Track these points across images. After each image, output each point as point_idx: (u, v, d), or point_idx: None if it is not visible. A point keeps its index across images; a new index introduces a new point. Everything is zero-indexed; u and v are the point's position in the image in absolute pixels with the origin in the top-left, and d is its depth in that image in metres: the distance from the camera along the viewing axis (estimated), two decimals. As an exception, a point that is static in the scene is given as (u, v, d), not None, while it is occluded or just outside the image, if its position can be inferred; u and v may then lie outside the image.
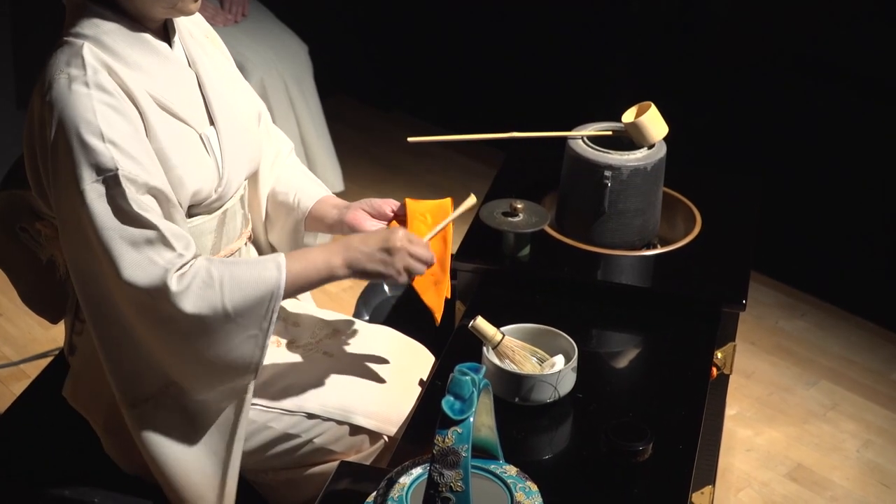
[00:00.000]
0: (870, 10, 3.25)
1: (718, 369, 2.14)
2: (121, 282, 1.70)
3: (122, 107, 1.71)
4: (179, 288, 1.70)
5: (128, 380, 1.81)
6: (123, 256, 1.69)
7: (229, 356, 1.77)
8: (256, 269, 1.77)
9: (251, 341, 1.78)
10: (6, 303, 3.27)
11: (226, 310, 1.73)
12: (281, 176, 2.10)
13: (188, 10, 1.78)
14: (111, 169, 1.67)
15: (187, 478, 1.86)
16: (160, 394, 1.82)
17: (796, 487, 2.75)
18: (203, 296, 1.72)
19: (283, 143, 2.14)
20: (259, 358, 1.79)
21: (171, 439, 1.84)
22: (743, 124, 3.58)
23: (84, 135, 1.67)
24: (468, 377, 1.44)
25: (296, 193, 2.07)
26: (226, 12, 3.59)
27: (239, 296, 1.74)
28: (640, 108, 2.21)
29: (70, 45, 1.73)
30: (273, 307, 1.77)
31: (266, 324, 1.77)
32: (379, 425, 1.97)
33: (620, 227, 2.20)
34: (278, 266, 1.78)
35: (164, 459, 1.84)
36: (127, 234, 1.69)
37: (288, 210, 2.07)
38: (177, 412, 1.84)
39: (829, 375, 3.14)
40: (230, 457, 1.88)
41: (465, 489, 1.42)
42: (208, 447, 1.87)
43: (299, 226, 2.06)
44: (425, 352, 2.17)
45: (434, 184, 4.08)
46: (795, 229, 3.50)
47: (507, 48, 4.11)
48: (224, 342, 1.76)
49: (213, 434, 1.86)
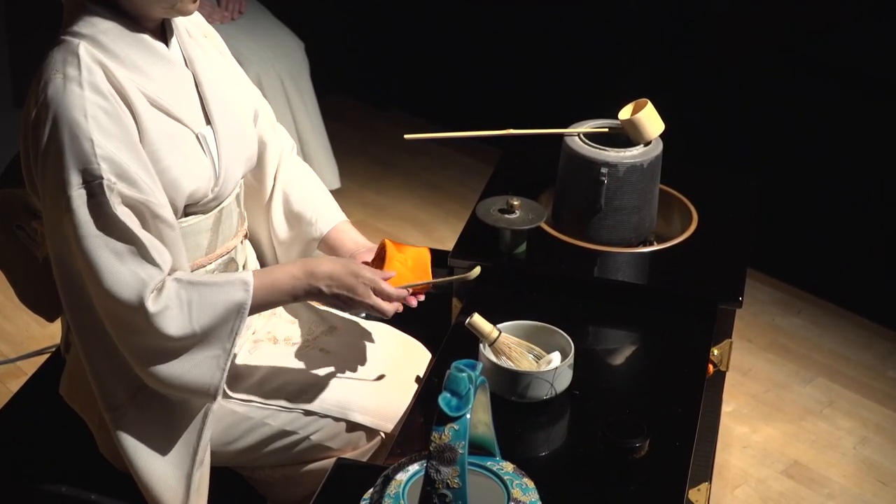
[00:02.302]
0: (868, 7, 3.25)
1: (715, 366, 2.14)
2: (100, 290, 1.70)
3: (116, 111, 1.71)
4: (156, 309, 1.70)
5: (103, 386, 1.82)
6: (105, 266, 1.68)
7: (185, 377, 1.77)
8: (224, 290, 1.77)
9: (211, 362, 1.77)
10: (3, 300, 3.27)
11: (194, 331, 1.74)
12: (296, 182, 2.11)
13: (186, 10, 1.78)
14: (97, 177, 1.67)
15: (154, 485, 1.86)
16: (129, 402, 1.83)
17: (793, 484, 2.76)
18: (178, 318, 1.72)
19: (285, 141, 2.14)
20: (219, 381, 1.79)
21: (141, 446, 1.84)
22: (740, 121, 3.58)
23: (74, 139, 1.66)
24: (465, 374, 1.44)
25: (314, 210, 2.09)
26: (223, 10, 3.59)
27: (207, 316, 1.74)
28: (636, 105, 2.21)
29: (67, 44, 1.73)
30: (237, 328, 1.78)
31: (229, 344, 1.78)
32: (376, 422, 1.97)
33: (617, 224, 2.20)
34: (245, 287, 1.78)
35: (134, 465, 1.85)
36: (110, 244, 1.69)
37: (305, 224, 2.09)
38: (144, 421, 1.84)
39: (826, 372, 3.15)
40: (193, 468, 1.87)
41: (461, 486, 1.42)
42: (173, 456, 1.86)
43: (312, 244, 2.09)
44: (422, 348, 2.17)
45: (431, 182, 4.09)
46: (792, 226, 3.50)
47: (504, 45, 4.11)
48: (183, 360, 1.75)
49: (179, 445, 1.86)
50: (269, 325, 2.09)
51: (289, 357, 2.03)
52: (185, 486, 1.87)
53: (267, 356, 2.02)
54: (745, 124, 3.57)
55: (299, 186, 2.12)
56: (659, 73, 3.71)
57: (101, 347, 1.79)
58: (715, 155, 3.53)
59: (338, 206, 2.15)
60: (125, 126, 1.72)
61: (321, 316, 2.15)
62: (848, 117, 3.35)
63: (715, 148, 3.58)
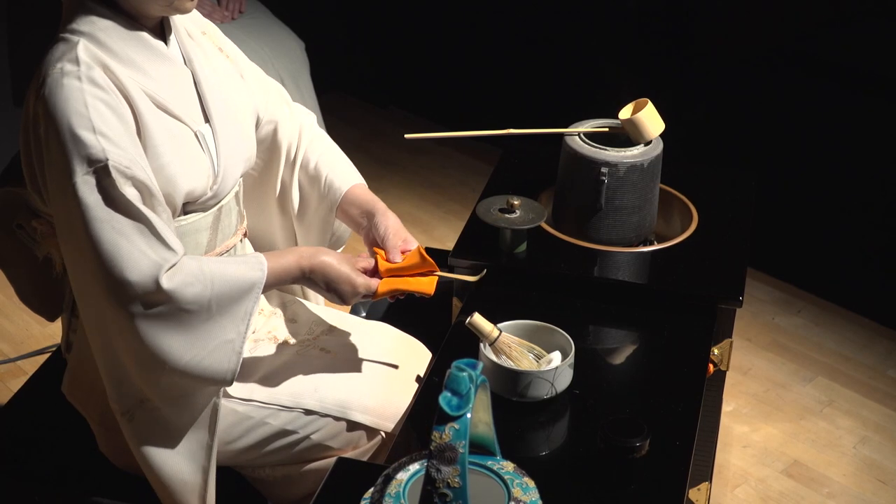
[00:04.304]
0: (867, 5, 3.25)
1: (715, 366, 2.14)
2: (112, 276, 1.68)
3: (114, 102, 1.71)
4: (171, 285, 1.70)
5: (116, 387, 1.81)
6: (115, 248, 1.67)
7: (202, 364, 1.77)
8: (240, 266, 1.79)
9: (227, 347, 1.78)
10: (3, 300, 3.27)
11: (210, 306, 1.74)
12: (320, 153, 2.12)
13: (184, 8, 1.78)
14: (102, 160, 1.66)
15: (170, 482, 1.86)
16: (139, 405, 1.82)
17: (793, 484, 2.76)
18: (194, 287, 1.72)
19: (304, 116, 2.14)
20: (235, 365, 1.79)
21: (155, 445, 1.84)
22: (740, 121, 3.58)
23: (75, 128, 1.66)
24: (465, 373, 1.44)
25: (327, 175, 2.09)
26: (223, 9, 3.59)
27: (222, 286, 1.75)
28: (636, 104, 2.21)
29: (66, 42, 1.73)
30: (250, 309, 1.79)
31: (243, 327, 1.78)
32: (376, 421, 1.98)
33: (617, 224, 2.20)
34: (261, 267, 1.80)
35: (149, 463, 1.85)
36: (119, 224, 1.68)
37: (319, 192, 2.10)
38: (157, 419, 1.83)
39: (826, 372, 3.15)
40: (209, 460, 1.87)
41: (462, 485, 1.42)
42: (187, 451, 1.86)
43: (330, 215, 2.10)
44: (422, 348, 2.17)
45: (431, 181, 4.09)
46: (792, 226, 3.50)
47: (503, 45, 4.12)
48: (199, 347, 1.75)
49: (191, 439, 1.86)
50: (270, 324, 2.09)
51: (289, 357, 2.03)
52: (202, 479, 1.87)
53: (267, 356, 2.02)
54: (744, 124, 3.57)
55: (324, 157, 2.12)
56: (659, 73, 3.71)
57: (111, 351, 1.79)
58: (715, 154, 3.53)
59: (351, 166, 2.15)
60: (124, 118, 1.72)
61: (321, 316, 2.15)
62: (848, 116, 3.35)
63: (715, 147, 3.58)
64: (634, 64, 3.78)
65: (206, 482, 1.88)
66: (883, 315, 3.34)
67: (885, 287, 3.37)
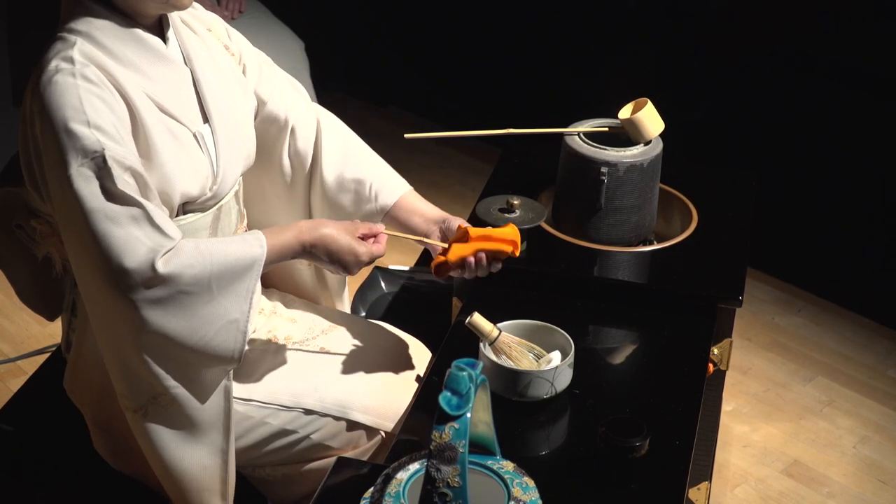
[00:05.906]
0: (867, 5, 3.25)
1: (715, 365, 2.14)
2: (110, 266, 1.67)
3: (109, 98, 1.71)
4: (168, 269, 1.69)
5: (128, 384, 1.80)
6: (111, 237, 1.66)
7: (209, 346, 1.76)
8: (237, 244, 1.78)
9: (231, 327, 1.77)
10: (3, 299, 3.27)
11: (210, 286, 1.73)
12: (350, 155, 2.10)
13: (181, 4, 1.78)
14: (97, 151, 1.66)
15: (185, 477, 1.85)
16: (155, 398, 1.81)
17: (793, 483, 2.76)
18: (193, 269, 1.71)
19: (321, 112, 2.15)
20: (242, 344, 1.78)
21: (170, 440, 1.83)
22: (740, 120, 3.58)
23: (70, 122, 1.66)
24: (465, 373, 1.44)
25: (371, 183, 2.08)
26: (223, 9, 3.59)
27: (221, 261, 1.73)
28: (636, 104, 2.21)
29: (63, 41, 1.73)
30: (252, 287, 1.77)
31: (246, 306, 1.77)
32: (376, 421, 1.98)
33: (617, 224, 2.20)
34: (260, 244, 1.79)
35: (163, 461, 1.83)
36: (113, 213, 1.67)
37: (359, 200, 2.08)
38: (172, 414, 1.83)
39: (826, 371, 3.15)
40: (228, 447, 1.87)
41: (462, 485, 1.42)
42: (209, 443, 1.86)
43: (374, 218, 2.08)
44: (422, 348, 2.17)
45: (431, 181, 4.08)
46: (792, 225, 3.50)
47: (503, 44, 4.11)
48: (204, 330, 1.74)
49: (211, 430, 1.86)
50: (270, 324, 2.09)
51: (289, 356, 2.03)
52: (222, 474, 1.87)
53: (267, 355, 2.02)
54: (744, 124, 3.57)
55: (354, 161, 2.10)
56: (659, 72, 3.71)
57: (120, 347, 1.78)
58: (715, 154, 3.53)
59: (394, 174, 2.13)
60: (118, 114, 1.71)
61: (321, 315, 2.15)
62: (848, 116, 3.35)
63: (715, 147, 3.58)
64: (635, 63, 3.78)
65: (225, 477, 1.87)
66: (883, 315, 3.34)
67: (884, 287, 3.37)
